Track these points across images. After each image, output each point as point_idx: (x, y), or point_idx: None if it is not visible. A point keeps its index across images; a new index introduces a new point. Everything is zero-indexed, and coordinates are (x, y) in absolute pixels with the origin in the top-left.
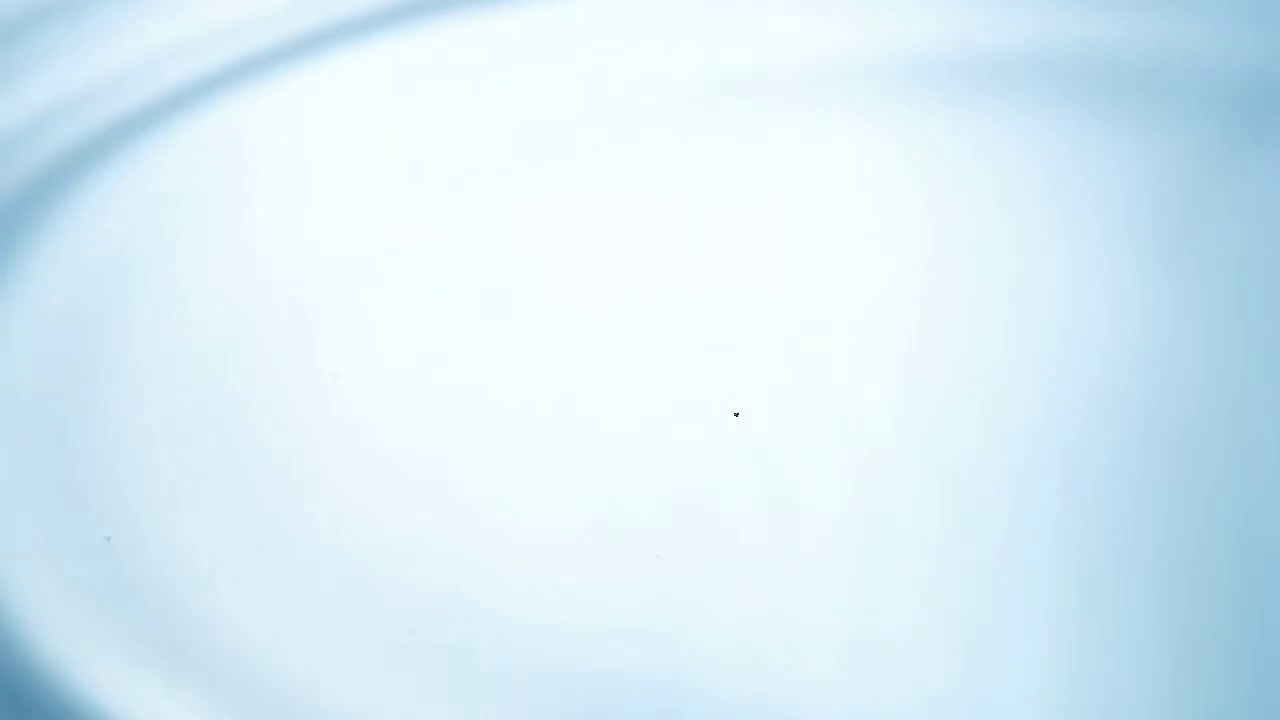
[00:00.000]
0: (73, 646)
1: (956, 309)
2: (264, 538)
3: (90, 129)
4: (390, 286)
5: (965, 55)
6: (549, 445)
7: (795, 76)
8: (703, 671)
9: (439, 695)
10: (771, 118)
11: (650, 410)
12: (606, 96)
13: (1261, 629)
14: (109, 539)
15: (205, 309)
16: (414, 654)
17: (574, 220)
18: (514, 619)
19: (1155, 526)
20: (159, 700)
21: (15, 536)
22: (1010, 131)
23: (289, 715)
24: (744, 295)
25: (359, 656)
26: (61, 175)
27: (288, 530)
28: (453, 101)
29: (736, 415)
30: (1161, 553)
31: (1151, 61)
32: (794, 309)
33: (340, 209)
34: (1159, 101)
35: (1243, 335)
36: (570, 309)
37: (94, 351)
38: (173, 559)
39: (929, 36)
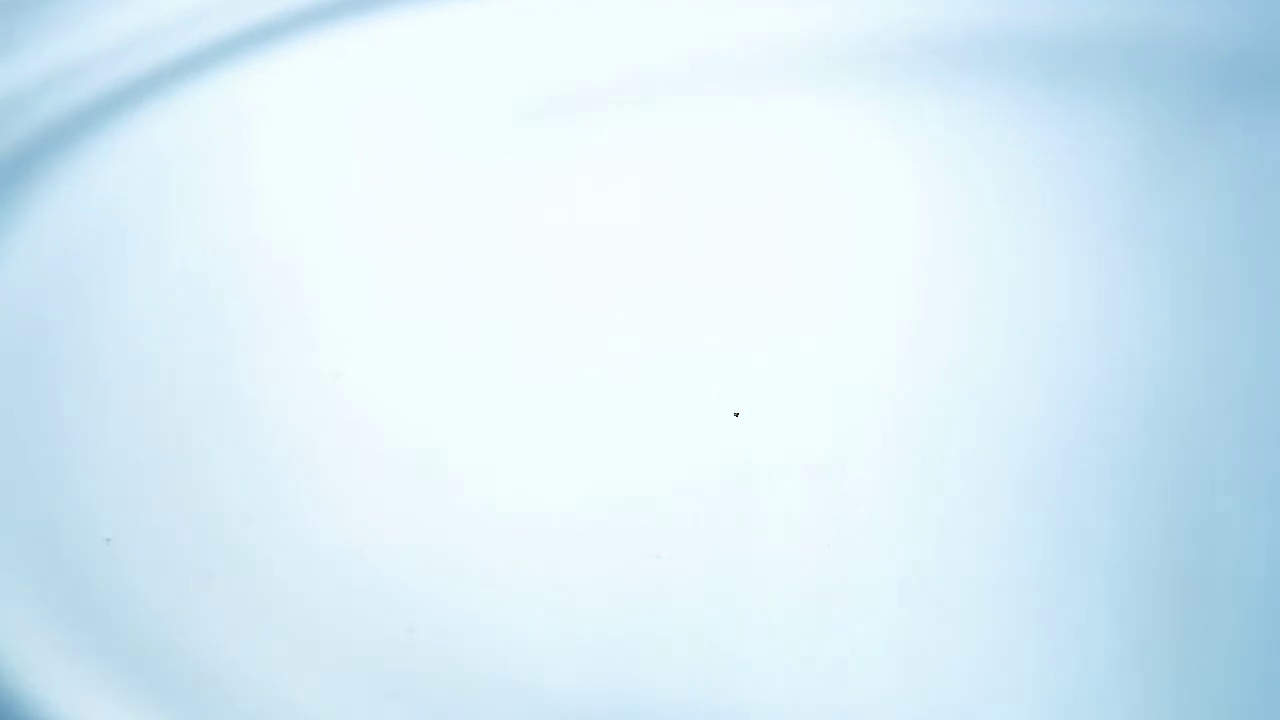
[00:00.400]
0: (69, 648)
1: (951, 298)
2: (264, 538)
3: (87, 97)
4: (387, 284)
5: (943, 35)
6: (547, 446)
7: (776, 60)
8: (703, 672)
9: (439, 695)
10: (755, 103)
11: (650, 410)
12: (593, 84)
13: (1262, 629)
14: (109, 540)
15: (197, 292)
16: (413, 653)
17: (573, 215)
18: (513, 619)
19: (1153, 527)
20: (155, 701)
21: (11, 535)
22: (991, 110)
23: (289, 713)
24: (741, 290)
25: (357, 655)
26: (53, 144)
27: (288, 530)
28: (447, 84)
29: (736, 415)
30: (1161, 555)
31: (1123, 38)
32: (791, 302)
33: (338, 190)
34: (1132, 77)
35: (1223, 308)
36: (568, 307)
37: (80, 341)
38: (172, 560)
39: (904, 18)
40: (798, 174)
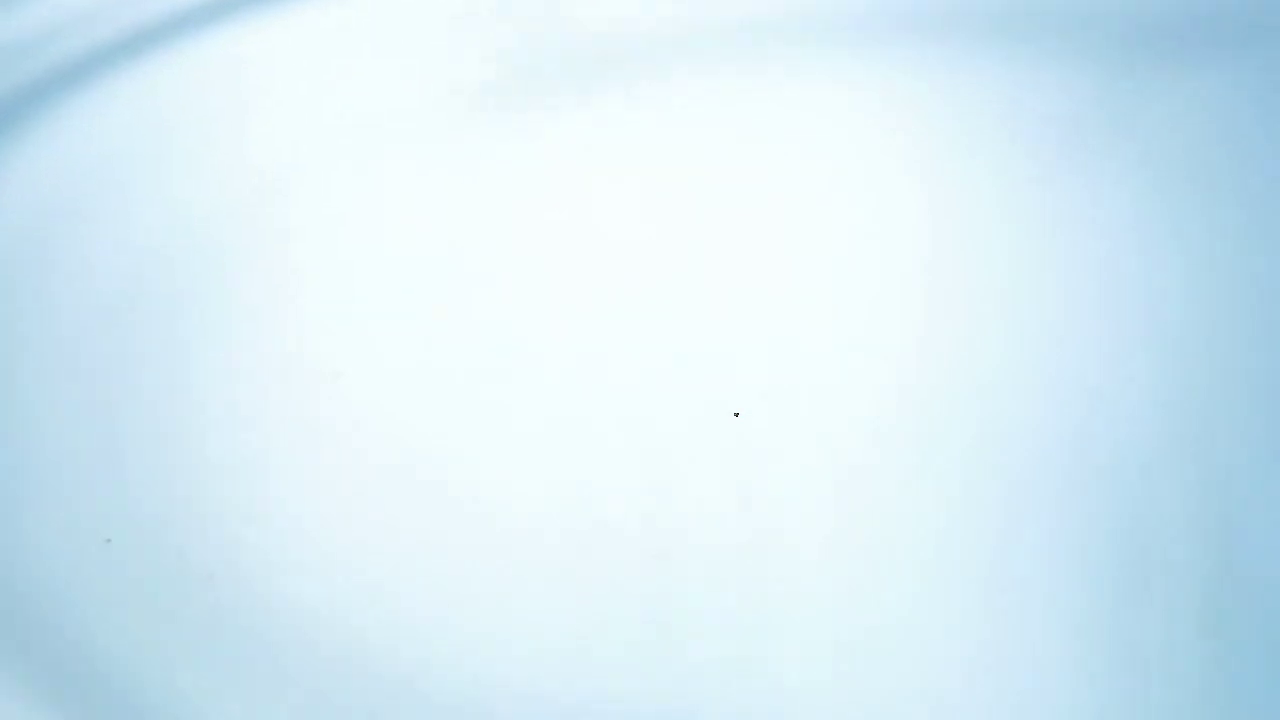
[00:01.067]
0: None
1: (949, 289)
2: (263, 539)
3: (87, 48)
4: (386, 285)
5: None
6: (545, 446)
7: (749, 35)
8: (700, 672)
9: (440, 695)
10: (734, 80)
11: (649, 411)
12: (579, 66)
13: (1270, 629)
14: (109, 540)
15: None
16: (413, 652)
17: (569, 207)
18: (513, 619)
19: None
20: (159, 699)
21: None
22: (965, 79)
23: (288, 713)
24: (739, 286)
25: (358, 656)
26: (50, 92)
27: (288, 530)
28: (443, 59)
29: (736, 415)
30: (1165, 555)
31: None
32: (788, 296)
33: (328, 174)
34: (1080, 41)
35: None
36: (565, 303)
37: (74, 335)
38: (174, 560)
39: None
40: (782, 155)
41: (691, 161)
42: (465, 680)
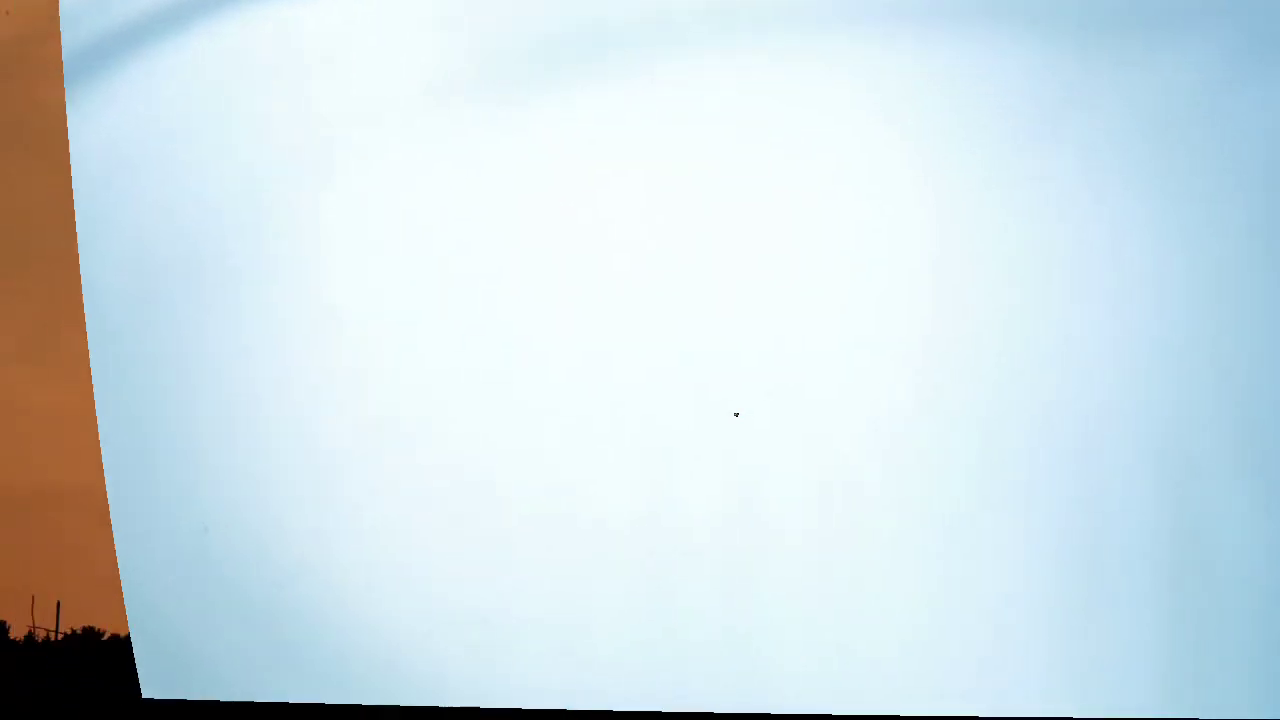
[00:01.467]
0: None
1: (953, 283)
2: (334, 530)
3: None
4: (381, 275)
5: None
6: (542, 446)
7: (744, 31)
8: (701, 671)
9: (451, 686)
10: (727, 75)
11: (645, 411)
12: (577, 59)
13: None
14: (206, 530)
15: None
16: (433, 642)
17: (569, 207)
18: (510, 614)
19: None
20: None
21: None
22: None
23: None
24: (737, 287)
25: (348, 651)
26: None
27: (292, 530)
28: (444, 57)
29: (736, 415)
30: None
31: None
32: (790, 291)
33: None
34: (1063, 34)
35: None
36: (566, 303)
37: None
38: (262, 551)
39: None
40: (783, 152)
41: (689, 156)
42: (468, 676)
